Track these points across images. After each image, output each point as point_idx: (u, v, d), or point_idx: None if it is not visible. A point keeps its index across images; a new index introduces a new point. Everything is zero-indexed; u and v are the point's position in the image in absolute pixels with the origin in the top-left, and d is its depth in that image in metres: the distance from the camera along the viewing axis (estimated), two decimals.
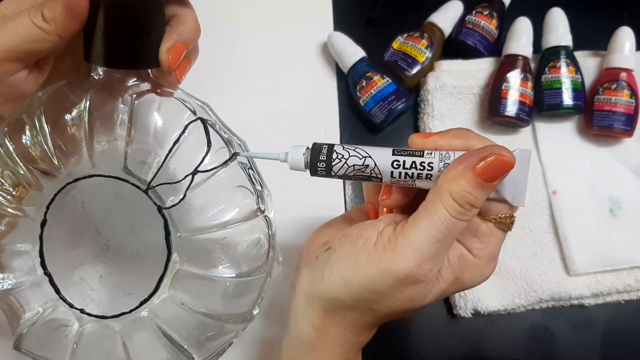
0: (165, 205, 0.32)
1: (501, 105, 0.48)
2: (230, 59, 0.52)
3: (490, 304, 0.45)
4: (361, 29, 0.54)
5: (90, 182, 0.33)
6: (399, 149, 0.29)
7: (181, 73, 0.34)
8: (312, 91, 0.52)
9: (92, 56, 0.31)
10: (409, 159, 0.28)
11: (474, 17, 0.52)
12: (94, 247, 0.34)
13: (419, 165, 0.28)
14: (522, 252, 0.46)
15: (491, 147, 0.27)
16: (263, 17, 0.54)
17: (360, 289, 0.29)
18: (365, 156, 0.29)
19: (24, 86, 0.32)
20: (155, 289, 0.33)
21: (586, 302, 0.46)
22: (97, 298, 0.34)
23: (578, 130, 0.50)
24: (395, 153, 0.28)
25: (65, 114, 0.32)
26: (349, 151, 0.29)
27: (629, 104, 0.47)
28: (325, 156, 0.29)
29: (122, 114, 0.32)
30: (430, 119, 0.50)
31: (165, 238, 0.32)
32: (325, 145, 0.30)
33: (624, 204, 0.48)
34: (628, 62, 0.48)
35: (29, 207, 0.33)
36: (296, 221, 0.46)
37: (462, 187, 0.26)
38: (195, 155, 0.32)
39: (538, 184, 0.48)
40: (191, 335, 0.34)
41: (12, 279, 0.34)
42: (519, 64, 0.49)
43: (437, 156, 0.28)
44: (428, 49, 0.50)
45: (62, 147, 0.32)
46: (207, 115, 0.33)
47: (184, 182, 0.32)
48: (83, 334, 0.34)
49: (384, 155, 0.29)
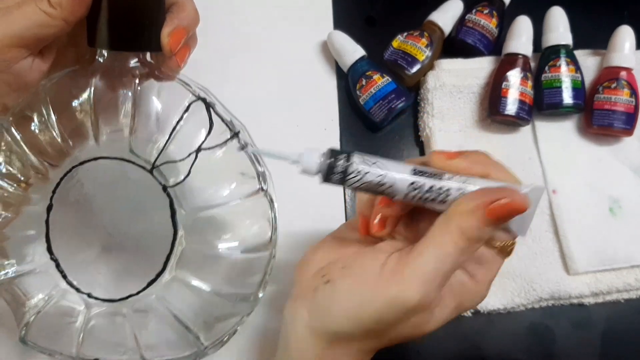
0: (169, 184, 0.33)
1: (501, 104, 0.48)
2: (229, 58, 0.52)
3: (490, 303, 0.45)
4: (361, 28, 0.54)
5: (95, 165, 0.33)
6: (420, 168, 0.28)
7: (181, 59, 0.35)
8: (311, 90, 0.52)
9: (97, 40, 0.32)
10: (428, 182, 0.28)
11: (474, 15, 0.52)
12: (100, 230, 0.35)
13: (437, 189, 0.28)
14: (522, 251, 0.46)
15: (505, 191, 0.27)
16: (263, 16, 0.54)
17: (369, 322, 0.28)
18: (382, 174, 0.27)
19: (29, 75, 0.33)
20: (162, 269, 0.33)
21: (586, 301, 0.46)
22: (104, 282, 0.35)
23: (578, 129, 0.50)
24: (415, 173, 0.28)
25: (72, 99, 0.33)
26: (367, 166, 0.27)
27: (629, 102, 0.47)
28: (343, 168, 0.27)
29: (126, 97, 0.33)
30: (430, 118, 0.50)
31: (170, 217, 0.33)
32: (343, 154, 0.27)
33: (624, 203, 0.48)
34: (628, 61, 0.48)
35: (36, 194, 0.34)
36: (296, 222, 0.46)
37: (472, 224, 0.26)
38: (197, 137, 0.33)
39: (538, 183, 0.48)
40: (198, 317, 0.34)
41: (15, 266, 0.34)
42: (519, 63, 0.49)
43: (456, 184, 0.28)
44: (428, 47, 0.50)
45: (69, 132, 0.33)
46: (208, 98, 0.34)
47: (187, 161, 0.33)
48: (91, 320, 0.34)
49: (402, 175, 0.28)
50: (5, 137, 0.33)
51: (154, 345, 0.34)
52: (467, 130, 0.50)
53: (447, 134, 0.50)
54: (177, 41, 0.33)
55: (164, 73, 0.34)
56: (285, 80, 0.51)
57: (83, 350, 0.34)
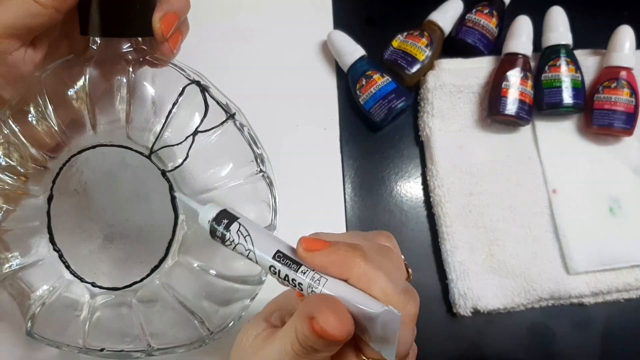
0: (168, 169, 0.33)
1: (501, 104, 0.48)
2: (229, 58, 0.52)
3: (490, 303, 0.45)
4: (361, 28, 0.54)
5: (94, 153, 0.34)
6: (282, 254, 0.27)
7: (174, 44, 0.35)
8: (311, 90, 0.52)
9: (89, 28, 0.32)
10: (284, 270, 0.26)
11: (474, 15, 0.51)
12: (101, 219, 0.35)
13: (291, 280, 0.26)
14: (521, 251, 0.46)
15: (319, 310, 0.23)
16: (262, 16, 0.54)
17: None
18: (249, 249, 0.27)
19: (23, 66, 0.33)
20: (165, 255, 0.33)
21: (586, 300, 0.46)
22: (107, 270, 0.35)
23: (578, 129, 0.50)
24: (275, 258, 0.27)
25: (68, 88, 0.33)
26: (239, 236, 0.27)
27: (629, 102, 0.47)
28: (221, 233, 0.28)
29: (121, 85, 0.33)
30: (430, 118, 0.50)
31: (171, 201, 0.33)
32: (225, 220, 0.28)
33: (624, 203, 0.48)
34: (628, 61, 0.48)
35: (36, 186, 0.34)
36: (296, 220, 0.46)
37: (304, 331, 0.24)
38: (192, 122, 0.33)
39: (538, 182, 0.48)
40: (203, 302, 0.34)
41: (19, 258, 0.34)
42: (519, 63, 0.49)
43: (309, 278, 0.26)
44: (428, 47, 0.50)
45: (66, 122, 0.33)
46: (202, 81, 0.35)
47: (185, 146, 0.33)
48: (96, 310, 0.34)
49: (265, 255, 0.27)
50: (3, 129, 0.33)
51: (160, 333, 0.35)
52: (467, 130, 0.50)
53: (447, 133, 0.50)
54: (169, 26, 0.33)
55: (157, 59, 0.35)
56: (285, 80, 0.51)
57: (89, 341, 0.34)
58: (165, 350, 0.35)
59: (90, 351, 0.34)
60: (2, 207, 0.34)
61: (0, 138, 0.33)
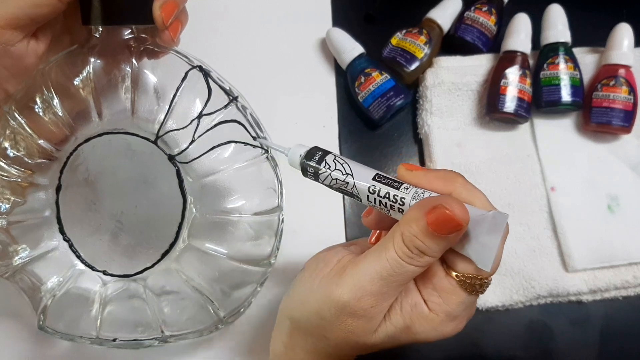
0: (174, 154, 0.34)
1: (500, 102, 0.48)
2: (228, 55, 0.52)
3: (489, 300, 0.45)
4: (360, 25, 0.54)
5: (100, 142, 0.34)
6: (382, 175, 0.28)
7: (174, 32, 0.36)
8: (310, 87, 0.52)
9: (91, 17, 0.33)
10: (384, 188, 0.28)
11: (473, 13, 0.51)
12: (110, 207, 0.35)
13: (392, 197, 0.27)
14: (520, 249, 0.46)
15: (443, 199, 0.25)
16: (261, 13, 0.54)
17: (311, 311, 0.29)
18: (347, 173, 0.29)
19: (26, 58, 0.33)
20: (175, 239, 0.33)
21: (584, 298, 0.46)
22: (118, 258, 0.35)
23: (576, 126, 0.50)
24: (375, 178, 0.28)
25: (73, 78, 0.34)
26: (336, 164, 0.29)
27: (627, 100, 0.47)
28: (316, 162, 0.29)
29: (125, 74, 0.34)
30: (428, 115, 0.50)
31: (178, 185, 0.33)
32: (320, 151, 0.30)
33: (622, 201, 0.48)
34: (626, 59, 0.48)
35: (44, 177, 0.34)
36: (294, 218, 0.46)
37: (413, 231, 0.26)
38: (195, 108, 0.34)
39: (536, 180, 0.48)
40: (215, 285, 0.35)
41: (28, 250, 0.34)
42: (517, 60, 0.49)
43: (412, 193, 0.27)
44: (427, 45, 0.50)
45: (72, 112, 0.34)
46: (204, 66, 0.35)
47: (189, 131, 0.34)
48: (108, 298, 0.35)
49: (364, 178, 0.28)
50: (10, 122, 0.33)
51: (174, 320, 0.35)
52: (466, 128, 0.50)
53: (446, 131, 0.50)
54: (169, 14, 0.34)
55: (159, 46, 0.35)
56: (284, 77, 0.51)
57: (102, 332, 0.34)
58: (179, 336, 0.35)
59: (104, 342, 0.34)
60: (10, 199, 0.34)
61: (8, 131, 0.33)
